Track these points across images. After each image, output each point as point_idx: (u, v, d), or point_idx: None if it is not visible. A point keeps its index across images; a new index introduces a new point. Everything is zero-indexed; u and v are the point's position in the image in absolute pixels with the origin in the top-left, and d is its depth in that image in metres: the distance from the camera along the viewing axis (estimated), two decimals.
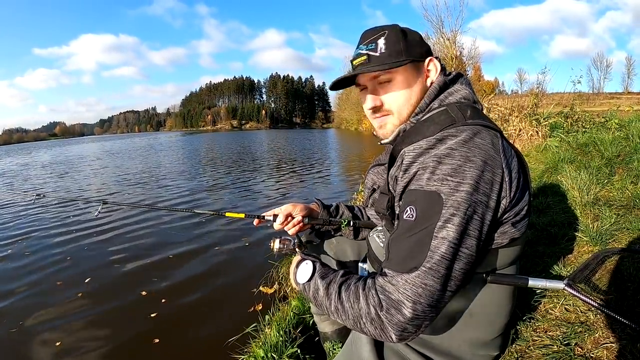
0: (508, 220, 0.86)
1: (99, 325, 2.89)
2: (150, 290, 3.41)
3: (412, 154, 0.85)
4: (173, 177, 10.79)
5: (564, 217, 2.29)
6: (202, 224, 5.45)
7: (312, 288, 0.94)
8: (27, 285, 3.67)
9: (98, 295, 3.39)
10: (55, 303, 3.27)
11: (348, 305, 0.84)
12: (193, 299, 3.25)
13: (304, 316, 2.14)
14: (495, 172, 0.80)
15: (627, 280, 1.33)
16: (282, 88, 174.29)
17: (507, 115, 7.59)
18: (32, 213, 6.71)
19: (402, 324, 0.76)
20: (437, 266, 0.76)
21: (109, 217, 5.97)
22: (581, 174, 2.80)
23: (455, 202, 0.77)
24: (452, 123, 0.86)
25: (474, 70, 21.99)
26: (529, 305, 1.38)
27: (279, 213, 1.34)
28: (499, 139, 0.85)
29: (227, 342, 2.31)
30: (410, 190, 0.83)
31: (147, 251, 4.45)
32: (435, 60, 0.99)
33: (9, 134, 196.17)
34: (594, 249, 1.76)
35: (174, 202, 7.46)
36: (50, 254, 4.50)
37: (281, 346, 1.87)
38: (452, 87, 0.99)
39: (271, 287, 3.15)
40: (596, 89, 66.66)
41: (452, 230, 0.76)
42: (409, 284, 0.76)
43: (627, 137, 4.05)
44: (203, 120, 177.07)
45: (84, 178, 12.01)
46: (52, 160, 20.61)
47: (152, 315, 2.97)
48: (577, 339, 1.14)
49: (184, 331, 2.76)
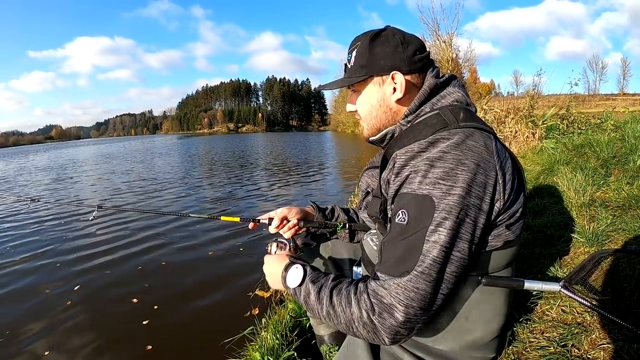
0: (502, 222, 0.86)
1: (88, 334, 2.81)
2: (141, 297, 3.34)
3: (404, 157, 0.85)
4: (169, 182, 10.74)
5: (560, 218, 2.29)
6: (197, 228, 5.42)
7: (303, 292, 0.93)
8: (13, 293, 3.57)
9: (87, 303, 3.30)
10: (43, 312, 3.17)
11: (340, 310, 0.84)
12: (187, 305, 3.19)
13: (300, 319, 2.13)
14: (489, 174, 0.80)
15: (624, 281, 1.33)
16: (279, 91, 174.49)
17: (503, 117, 7.64)
18: (22, 218, 6.61)
19: (394, 328, 0.77)
20: (429, 270, 0.76)
21: (102, 223, 5.86)
22: (577, 176, 2.81)
23: (447, 206, 0.77)
24: (444, 126, 0.86)
25: (470, 73, 22.14)
26: (526, 306, 1.38)
27: (275, 216, 1.34)
28: (492, 141, 0.85)
29: (224, 345, 2.28)
30: (402, 193, 0.83)
31: (139, 257, 4.35)
32: (399, 76, 0.95)
33: (5, 137, 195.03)
34: (590, 250, 1.76)
35: (169, 207, 7.41)
36: (39, 260, 4.39)
37: (278, 349, 1.86)
38: (445, 90, 0.97)
39: (267, 290, 3.13)
40: (592, 91, 67.22)
41: (444, 234, 0.76)
42: (401, 288, 0.77)
43: (623, 138, 4.08)
44: (199, 123, 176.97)
45: (74, 183, 11.94)
46: (49, 165, 20.48)
47: (144, 322, 2.91)
48: (574, 340, 1.14)
49: (178, 337, 2.71)
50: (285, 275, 0.99)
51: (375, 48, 0.96)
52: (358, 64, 0.99)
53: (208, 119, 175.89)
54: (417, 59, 0.96)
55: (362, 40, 0.98)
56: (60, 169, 16.79)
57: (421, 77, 0.98)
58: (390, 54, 0.95)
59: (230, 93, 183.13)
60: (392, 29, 0.99)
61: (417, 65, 0.96)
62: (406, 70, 0.95)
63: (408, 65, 0.95)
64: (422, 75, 0.98)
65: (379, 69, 0.97)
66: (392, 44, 0.95)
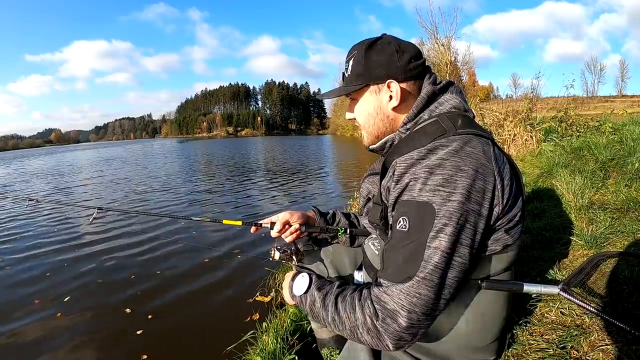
0: (501, 227, 0.87)
1: (78, 347, 2.71)
2: (134, 307, 3.23)
3: (403, 164, 0.86)
4: (170, 185, 10.75)
5: (559, 221, 2.30)
6: (198, 232, 5.41)
7: (309, 300, 0.95)
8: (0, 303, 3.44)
9: (78, 314, 3.17)
10: (32, 325, 3.02)
11: (344, 316, 0.85)
12: (184, 312, 3.13)
13: (301, 323, 2.13)
14: (487, 180, 0.82)
15: (622, 283, 1.34)
16: (278, 95, 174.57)
17: (502, 121, 7.66)
18: (16, 222, 6.56)
19: (398, 333, 0.78)
20: (431, 276, 0.77)
21: (99, 227, 5.75)
22: (576, 178, 2.82)
23: (447, 212, 0.78)
24: (443, 133, 0.87)
25: (468, 76, 22.20)
26: (525, 309, 1.39)
27: (276, 221, 1.35)
28: (490, 147, 0.87)
29: (224, 350, 2.27)
30: (403, 200, 0.85)
31: (133, 263, 4.25)
32: (395, 84, 0.96)
33: (4, 140, 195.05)
34: (589, 253, 1.77)
35: (171, 210, 7.38)
36: (28, 268, 4.26)
37: (279, 353, 1.87)
38: (442, 96, 0.98)
39: (268, 295, 3.12)
40: (590, 93, 67.38)
41: (445, 240, 0.78)
42: (404, 294, 0.78)
43: (621, 140, 4.09)
44: (199, 127, 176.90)
45: (76, 188, 11.93)
46: (50, 170, 20.42)
47: (137, 332, 2.83)
48: (573, 343, 1.15)
49: (175, 346, 2.66)
50: (292, 285, 1.02)
51: (371, 57, 0.98)
52: (355, 73, 1.00)
53: (207, 123, 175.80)
54: (412, 66, 0.97)
55: (358, 49, 1.00)
56: (60, 175, 16.61)
57: (417, 85, 1.00)
58: (385, 62, 0.96)
59: (229, 97, 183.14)
60: (387, 37, 1.00)
61: (412, 72, 0.97)
62: (402, 78, 0.97)
63: (403, 73, 0.96)
64: (418, 83, 1.00)
65: (375, 78, 0.98)
66: (388, 53, 0.96)
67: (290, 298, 1.03)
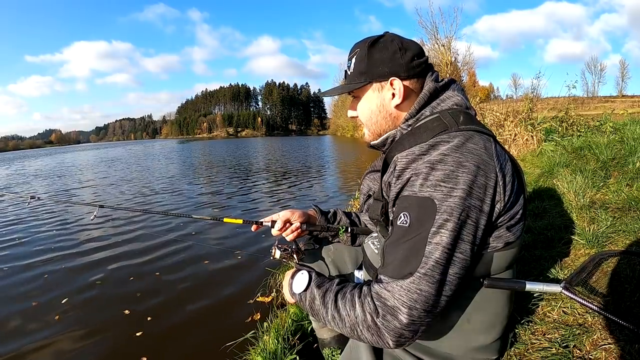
0: (503, 224, 0.87)
1: (77, 349, 2.67)
2: (133, 308, 3.19)
3: (404, 160, 0.86)
4: (171, 185, 10.73)
5: (560, 220, 2.30)
6: (198, 231, 5.41)
7: (308, 297, 0.94)
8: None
9: (76, 316, 3.13)
10: (30, 327, 2.98)
11: (344, 313, 0.85)
12: (184, 313, 3.10)
13: (302, 323, 2.13)
14: (489, 176, 0.81)
15: (624, 282, 1.34)
16: (278, 95, 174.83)
17: (502, 121, 7.65)
18: (16, 222, 6.55)
19: (398, 330, 0.77)
20: (432, 272, 0.77)
21: (98, 229, 5.73)
22: (577, 178, 2.82)
23: (449, 208, 0.78)
24: (444, 129, 0.87)
25: (468, 76, 22.20)
26: (527, 308, 1.39)
27: (277, 219, 1.35)
28: (492, 144, 0.86)
29: (225, 350, 2.27)
30: (404, 196, 0.84)
31: (132, 264, 4.21)
32: (397, 82, 0.96)
33: (5, 141, 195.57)
34: (591, 252, 1.77)
35: (171, 209, 7.33)
36: (26, 269, 4.21)
37: (280, 353, 1.87)
38: (444, 93, 0.99)
39: (269, 295, 3.11)
40: (590, 93, 67.34)
41: (446, 236, 0.77)
42: (404, 290, 0.77)
43: (622, 140, 4.08)
44: (199, 128, 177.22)
45: (77, 190, 11.93)
46: (50, 171, 20.42)
47: (137, 334, 2.79)
48: (576, 341, 1.15)
49: (175, 347, 2.65)
50: (291, 282, 1.01)
51: (374, 54, 0.98)
52: (357, 71, 1.00)
53: (207, 124, 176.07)
54: (415, 64, 0.97)
55: (361, 47, 1.00)
56: (58, 177, 16.63)
57: (420, 82, 0.99)
58: (388, 60, 0.96)
59: (230, 97, 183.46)
60: (390, 35, 1.00)
61: (415, 70, 0.97)
62: (404, 76, 0.97)
63: (406, 70, 0.96)
64: (421, 80, 1.00)
65: (377, 75, 0.98)
66: (390, 50, 0.96)
67: (290, 296, 1.03)
